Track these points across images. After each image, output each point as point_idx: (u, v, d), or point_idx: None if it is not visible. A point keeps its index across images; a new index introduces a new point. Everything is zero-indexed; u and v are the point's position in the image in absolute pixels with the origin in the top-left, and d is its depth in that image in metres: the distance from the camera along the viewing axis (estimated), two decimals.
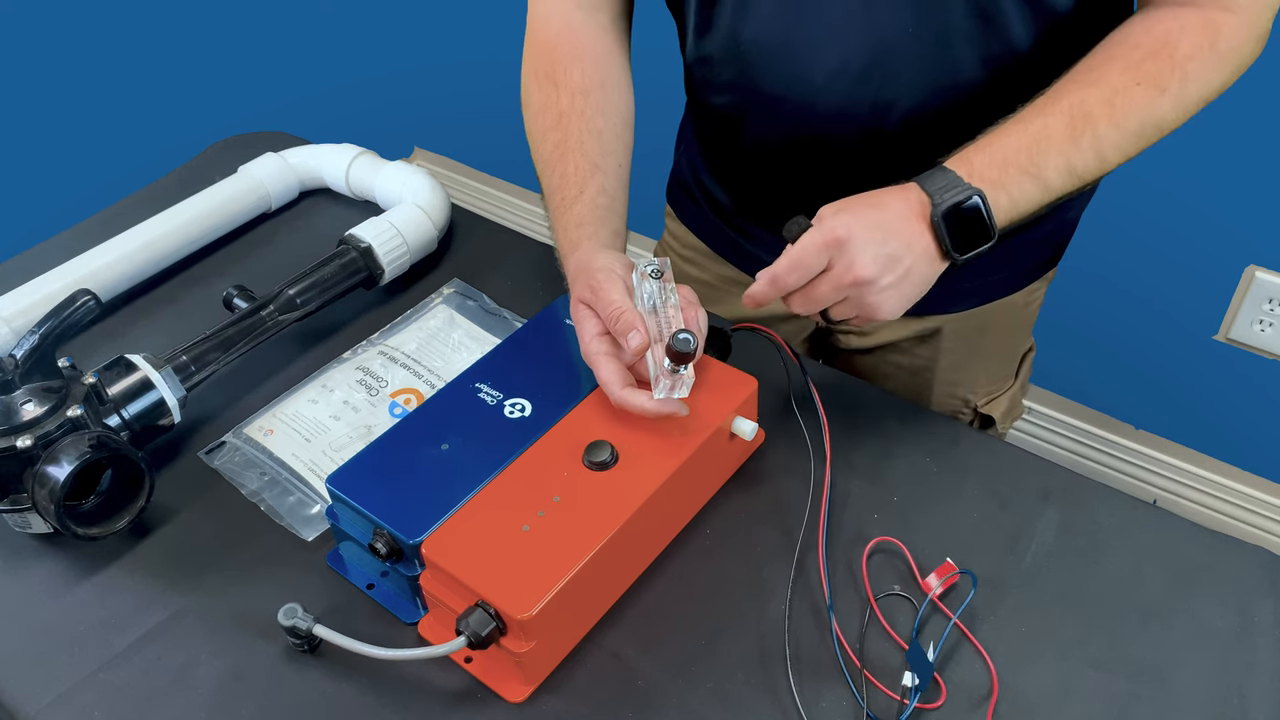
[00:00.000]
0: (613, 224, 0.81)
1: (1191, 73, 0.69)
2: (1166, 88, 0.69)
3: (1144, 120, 0.69)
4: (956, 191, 0.67)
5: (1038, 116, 0.69)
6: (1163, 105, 0.69)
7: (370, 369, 0.88)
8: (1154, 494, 1.71)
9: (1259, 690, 0.64)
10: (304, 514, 0.78)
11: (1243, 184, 1.40)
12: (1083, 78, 0.70)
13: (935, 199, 0.67)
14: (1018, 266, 0.95)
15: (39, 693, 0.67)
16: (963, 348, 0.98)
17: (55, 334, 0.75)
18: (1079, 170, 0.69)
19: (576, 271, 0.76)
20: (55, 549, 0.77)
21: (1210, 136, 1.36)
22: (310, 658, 0.69)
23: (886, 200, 0.68)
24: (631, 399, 0.71)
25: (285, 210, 1.12)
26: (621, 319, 0.71)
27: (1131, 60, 0.69)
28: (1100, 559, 0.72)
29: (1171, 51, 0.69)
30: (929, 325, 0.96)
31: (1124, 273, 1.57)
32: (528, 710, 0.65)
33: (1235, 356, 1.54)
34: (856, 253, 0.66)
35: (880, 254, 0.66)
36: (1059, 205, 0.71)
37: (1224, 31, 0.69)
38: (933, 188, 0.67)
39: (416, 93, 2.25)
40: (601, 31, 0.88)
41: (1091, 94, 0.69)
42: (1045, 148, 0.68)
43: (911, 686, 0.64)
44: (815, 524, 0.73)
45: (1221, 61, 0.70)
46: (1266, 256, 1.44)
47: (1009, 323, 0.99)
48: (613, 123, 0.85)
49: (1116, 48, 0.70)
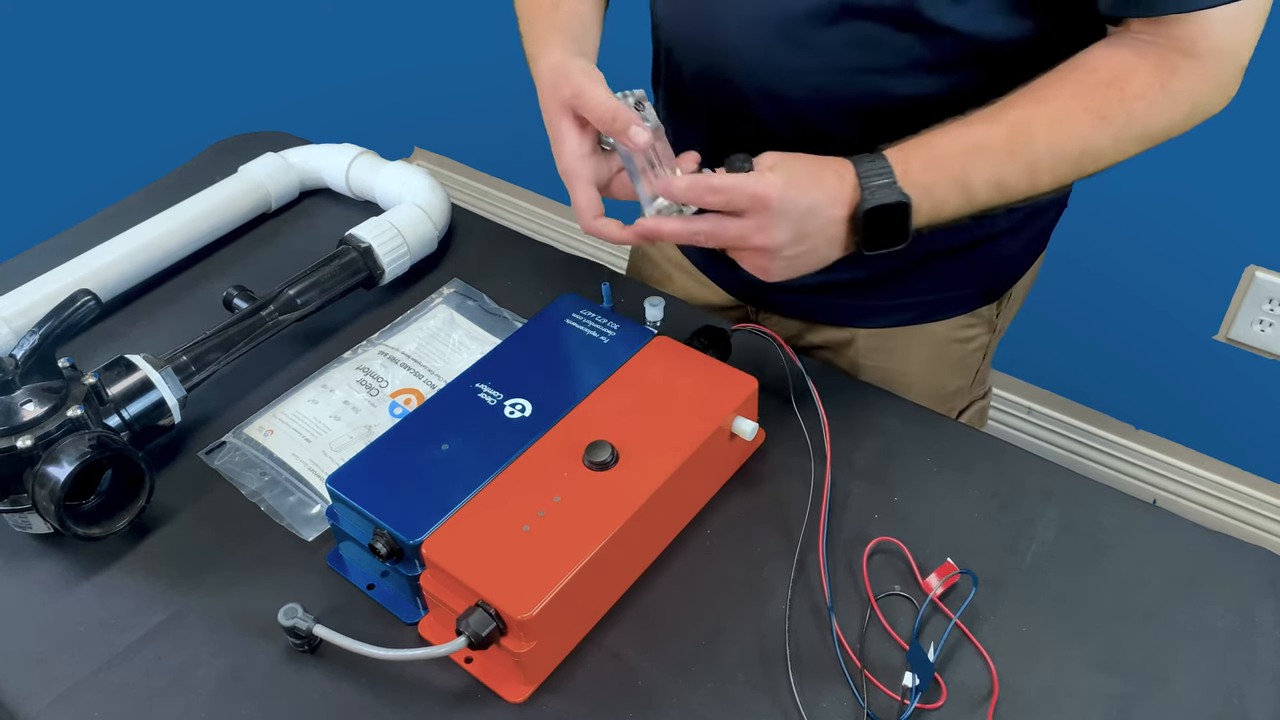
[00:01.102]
0: (586, 43, 0.79)
1: (1138, 111, 0.68)
2: (1112, 120, 0.68)
3: (1083, 148, 0.69)
4: (887, 193, 0.67)
5: (982, 124, 0.69)
6: (1103, 136, 0.69)
7: (370, 369, 0.88)
8: (1154, 494, 1.71)
9: (1259, 691, 0.64)
10: (304, 514, 0.78)
11: (1243, 184, 1.40)
12: (1035, 94, 0.70)
13: (865, 193, 0.68)
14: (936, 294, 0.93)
15: (39, 693, 0.67)
16: (879, 370, 0.96)
17: (55, 334, 0.75)
18: (1008, 186, 0.70)
19: (551, 72, 0.73)
20: (55, 549, 0.77)
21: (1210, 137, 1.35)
22: (310, 658, 0.69)
23: (823, 176, 0.68)
24: (603, 228, 0.71)
25: (285, 210, 1.12)
26: (620, 115, 0.69)
27: (1084, 85, 0.69)
28: (1100, 559, 0.72)
29: (1123, 85, 0.68)
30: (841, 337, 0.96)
31: (1124, 273, 1.57)
32: (528, 710, 0.65)
33: (1235, 356, 1.54)
34: (774, 220, 0.67)
35: (794, 230, 0.67)
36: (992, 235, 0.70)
37: (1179, 74, 0.68)
38: (867, 180, 0.68)
39: (416, 93, 2.25)
40: None
41: (1039, 111, 0.69)
42: (981, 157, 0.68)
43: (912, 687, 0.64)
44: (815, 524, 0.73)
45: (1172, 103, 0.69)
46: (1266, 256, 1.44)
47: (933, 356, 0.96)
48: None
49: (1074, 70, 0.70)
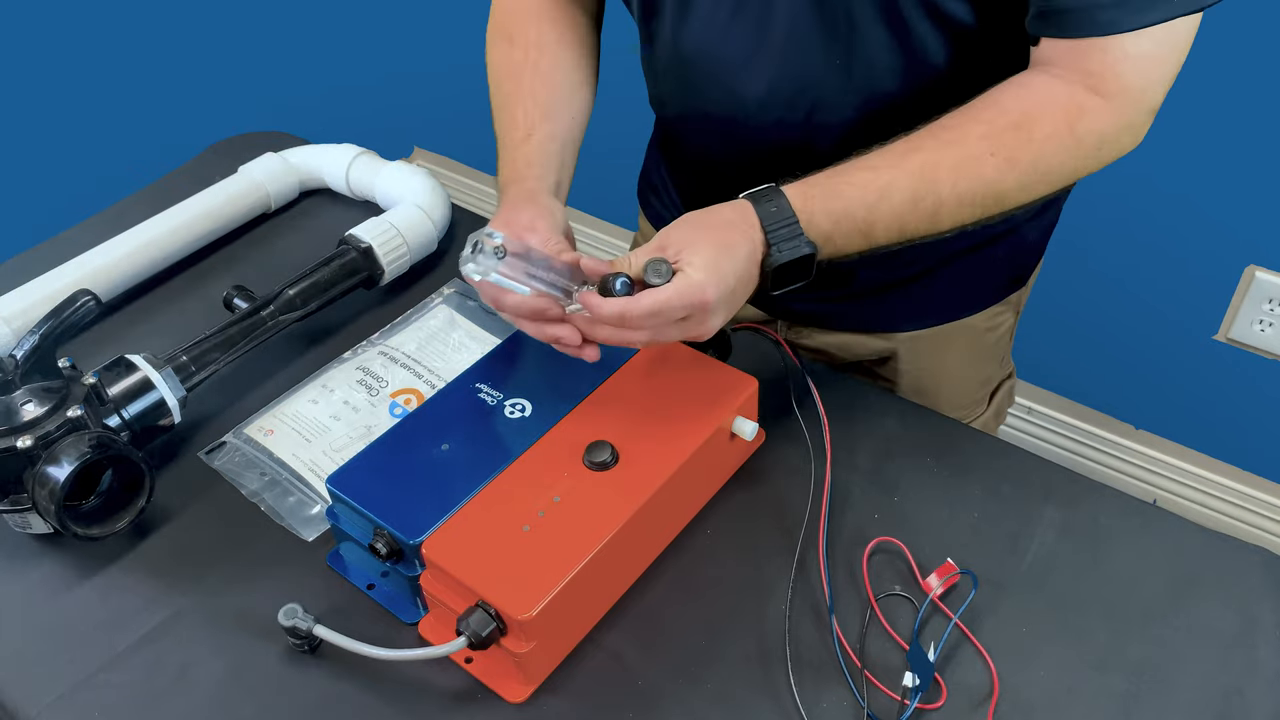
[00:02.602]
0: (559, 174, 0.81)
1: (1046, 153, 0.68)
2: (1018, 162, 0.68)
3: (988, 192, 0.69)
4: (793, 249, 0.68)
5: (888, 169, 0.69)
6: (1009, 179, 0.69)
7: (370, 369, 0.88)
8: (1154, 494, 1.71)
9: (1259, 690, 0.64)
10: (304, 514, 0.78)
11: (1243, 184, 1.40)
12: (944, 135, 0.69)
13: (774, 251, 0.68)
14: (971, 288, 0.94)
15: (39, 693, 0.67)
16: (921, 371, 0.97)
17: (55, 334, 0.75)
18: (909, 231, 0.70)
19: (517, 200, 0.77)
20: (55, 549, 0.77)
21: (1210, 137, 1.36)
22: (310, 658, 0.69)
23: (735, 244, 0.68)
24: None
25: (285, 210, 1.12)
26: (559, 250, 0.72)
27: (994, 127, 0.68)
28: (1100, 559, 0.72)
29: (1031, 126, 0.68)
30: (885, 346, 0.96)
31: (1124, 272, 1.57)
32: (528, 710, 0.65)
33: (1235, 356, 1.54)
34: (714, 313, 0.67)
35: (727, 305, 0.68)
36: (1015, 227, 0.71)
37: (1086, 116, 0.67)
38: (773, 233, 0.68)
39: (416, 93, 2.25)
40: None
41: (946, 155, 0.69)
42: (883, 206, 0.69)
43: (912, 687, 0.64)
44: (815, 524, 0.73)
45: (1079, 146, 0.68)
46: (1266, 256, 1.44)
47: (971, 347, 0.98)
48: (568, 76, 0.86)
49: (984, 110, 0.69)
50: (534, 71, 0.85)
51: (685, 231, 0.68)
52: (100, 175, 1.71)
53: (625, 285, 0.66)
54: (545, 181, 0.80)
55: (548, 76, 0.85)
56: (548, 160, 0.81)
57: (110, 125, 2.12)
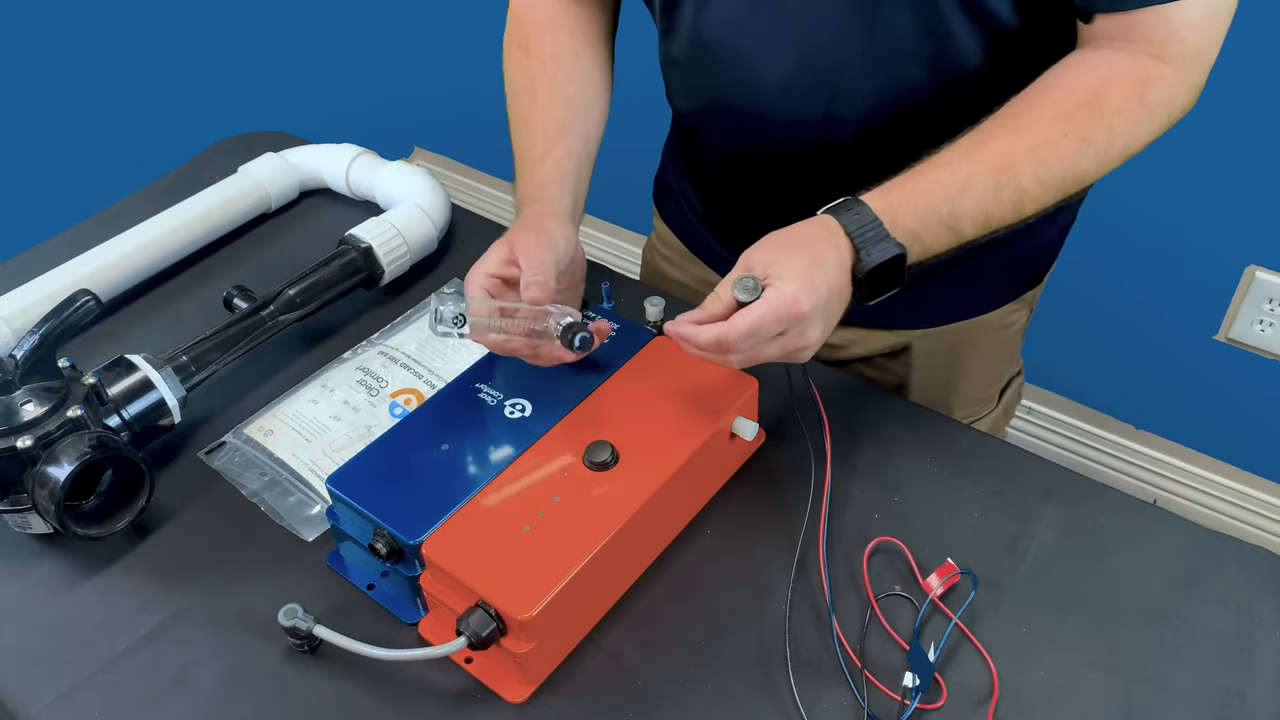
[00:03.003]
0: (574, 194, 0.83)
1: (1119, 127, 0.68)
2: (1094, 140, 0.68)
3: (1066, 174, 0.69)
4: (882, 250, 0.67)
5: (964, 162, 0.68)
6: (1087, 158, 0.68)
7: (370, 369, 0.88)
8: (1154, 494, 1.71)
9: (1259, 691, 0.64)
10: (304, 514, 0.78)
11: (1243, 184, 1.40)
12: (1013, 121, 0.69)
13: (862, 255, 0.67)
14: (988, 286, 0.94)
15: (39, 693, 0.67)
16: (935, 366, 0.97)
17: (55, 334, 0.75)
18: (994, 221, 0.69)
19: (525, 226, 0.79)
20: (55, 549, 0.77)
21: (1210, 136, 1.36)
22: (310, 658, 0.69)
23: (824, 254, 0.67)
24: None
25: (285, 210, 1.12)
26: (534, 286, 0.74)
27: (1065, 108, 0.68)
28: (1101, 559, 0.72)
29: (1102, 103, 0.68)
30: (898, 340, 0.96)
31: (1124, 272, 1.57)
32: (528, 710, 0.65)
33: (1235, 356, 1.54)
34: (811, 324, 0.66)
35: (824, 319, 0.67)
36: (1030, 226, 0.71)
37: (1155, 84, 0.68)
38: (860, 238, 0.67)
39: (416, 93, 2.25)
40: (579, 6, 0.89)
41: (1019, 142, 0.68)
42: (966, 199, 0.68)
43: (912, 687, 0.64)
44: (815, 524, 0.73)
45: (1150, 115, 0.69)
46: (1266, 256, 1.44)
47: (986, 344, 0.98)
48: (583, 89, 0.86)
49: (1051, 91, 0.69)
50: (551, 84, 0.85)
51: (768, 250, 0.67)
52: (100, 175, 1.71)
53: (585, 341, 0.72)
54: (559, 204, 0.81)
55: (564, 89, 0.86)
56: (564, 179, 0.82)
57: (110, 125, 2.12)
